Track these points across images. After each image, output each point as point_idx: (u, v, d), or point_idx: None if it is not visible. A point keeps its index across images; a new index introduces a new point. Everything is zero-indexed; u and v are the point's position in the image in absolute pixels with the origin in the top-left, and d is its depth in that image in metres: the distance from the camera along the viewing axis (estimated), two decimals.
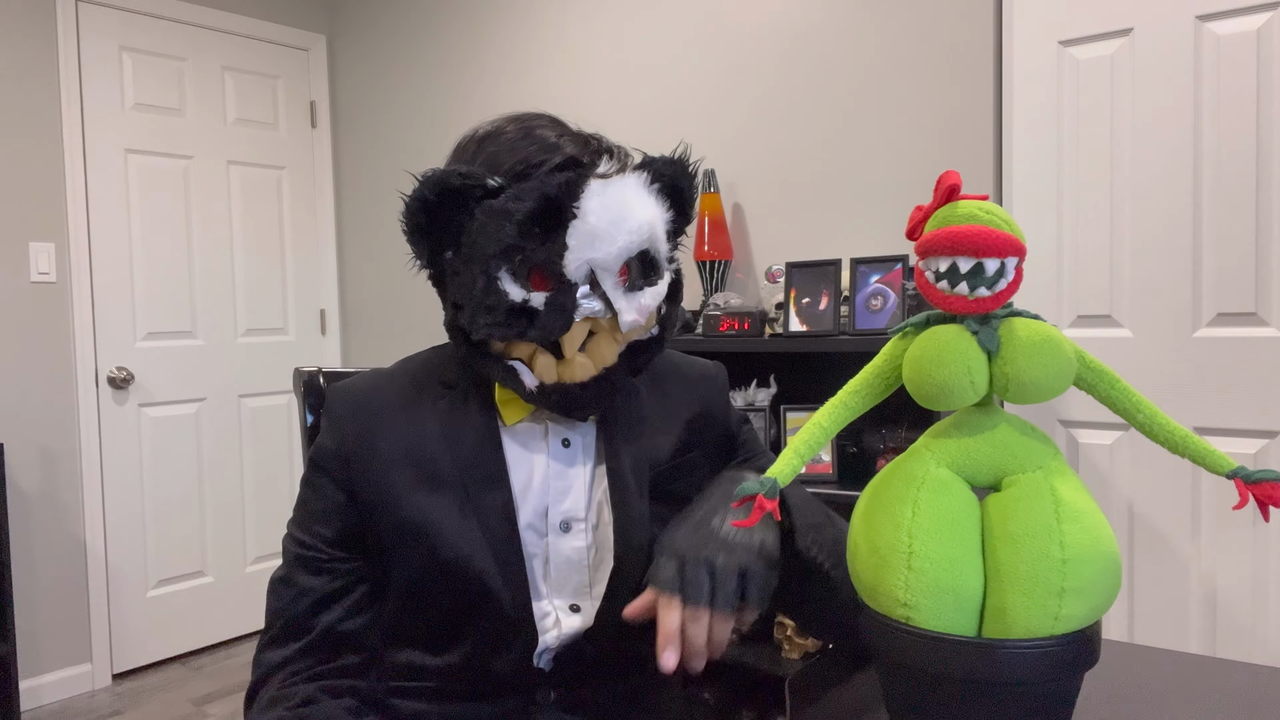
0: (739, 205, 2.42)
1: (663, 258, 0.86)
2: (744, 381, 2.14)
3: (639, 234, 0.81)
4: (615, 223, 0.79)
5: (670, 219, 0.87)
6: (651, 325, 0.87)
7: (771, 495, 0.58)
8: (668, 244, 0.87)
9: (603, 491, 0.91)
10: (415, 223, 0.81)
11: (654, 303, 0.84)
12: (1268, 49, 1.69)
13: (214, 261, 3.20)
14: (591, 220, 0.79)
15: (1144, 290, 1.83)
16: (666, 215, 0.86)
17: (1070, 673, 0.57)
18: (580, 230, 0.79)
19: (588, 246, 0.79)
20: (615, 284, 0.81)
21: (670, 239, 0.88)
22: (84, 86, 2.87)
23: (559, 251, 0.79)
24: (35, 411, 2.77)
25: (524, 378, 0.83)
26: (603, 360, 0.83)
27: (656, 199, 0.84)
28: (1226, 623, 1.76)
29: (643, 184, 0.84)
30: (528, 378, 0.83)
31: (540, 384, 0.83)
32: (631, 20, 2.62)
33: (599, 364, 0.83)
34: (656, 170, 0.85)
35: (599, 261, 0.80)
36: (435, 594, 0.87)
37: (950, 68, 2.06)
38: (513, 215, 0.78)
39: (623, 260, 0.81)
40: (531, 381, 0.83)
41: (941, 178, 0.60)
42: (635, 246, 0.81)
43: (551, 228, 0.79)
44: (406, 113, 3.26)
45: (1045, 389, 0.58)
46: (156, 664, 3.07)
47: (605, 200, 0.80)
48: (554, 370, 0.83)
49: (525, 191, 0.79)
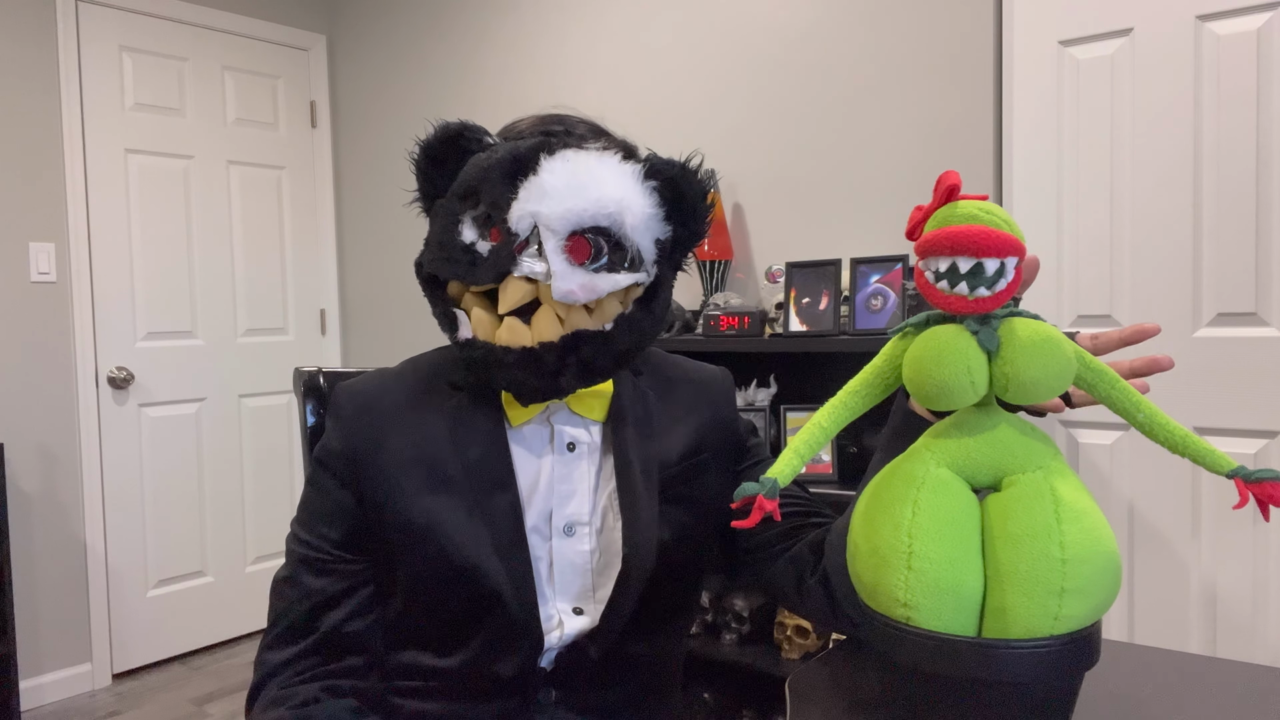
0: (739, 205, 2.42)
1: (637, 251, 0.81)
2: (744, 381, 2.14)
3: (597, 206, 0.78)
4: (570, 185, 0.79)
5: (664, 222, 0.82)
6: (605, 319, 0.82)
7: (772, 495, 0.58)
8: (655, 248, 0.83)
9: (609, 495, 0.90)
10: (420, 165, 0.86)
11: (607, 288, 0.80)
12: (1268, 49, 1.69)
13: (214, 261, 3.20)
14: (546, 178, 0.79)
15: (1144, 290, 1.83)
16: (656, 213, 0.82)
17: (1070, 673, 0.57)
18: (533, 185, 0.79)
19: (536, 199, 0.79)
20: (558, 248, 0.78)
21: (668, 250, 0.84)
22: (84, 86, 2.87)
23: (508, 200, 0.80)
24: (35, 411, 2.77)
25: (461, 327, 0.83)
26: (539, 334, 0.79)
27: (646, 195, 0.81)
28: (1226, 623, 1.76)
29: (632, 173, 0.81)
30: (464, 328, 0.83)
31: (471, 338, 0.82)
32: (632, 20, 2.62)
33: (535, 336, 0.79)
34: (653, 166, 0.82)
35: (543, 217, 0.78)
36: (442, 596, 0.87)
37: (950, 68, 2.06)
38: (483, 163, 0.82)
39: (571, 225, 0.78)
40: (465, 333, 0.83)
41: (941, 178, 0.60)
42: (588, 217, 0.78)
43: (510, 177, 0.80)
44: (406, 113, 3.26)
45: (1045, 389, 0.58)
46: (156, 664, 3.07)
47: (572, 166, 0.80)
48: (487, 327, 0.81)
49: (503, 146, 0.83)
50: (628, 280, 0.81)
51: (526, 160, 0.80)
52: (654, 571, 0.88)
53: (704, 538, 0.95)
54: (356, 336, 3.52)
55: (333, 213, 3.53)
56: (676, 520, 0.91)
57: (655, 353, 1.02)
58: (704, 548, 0.96)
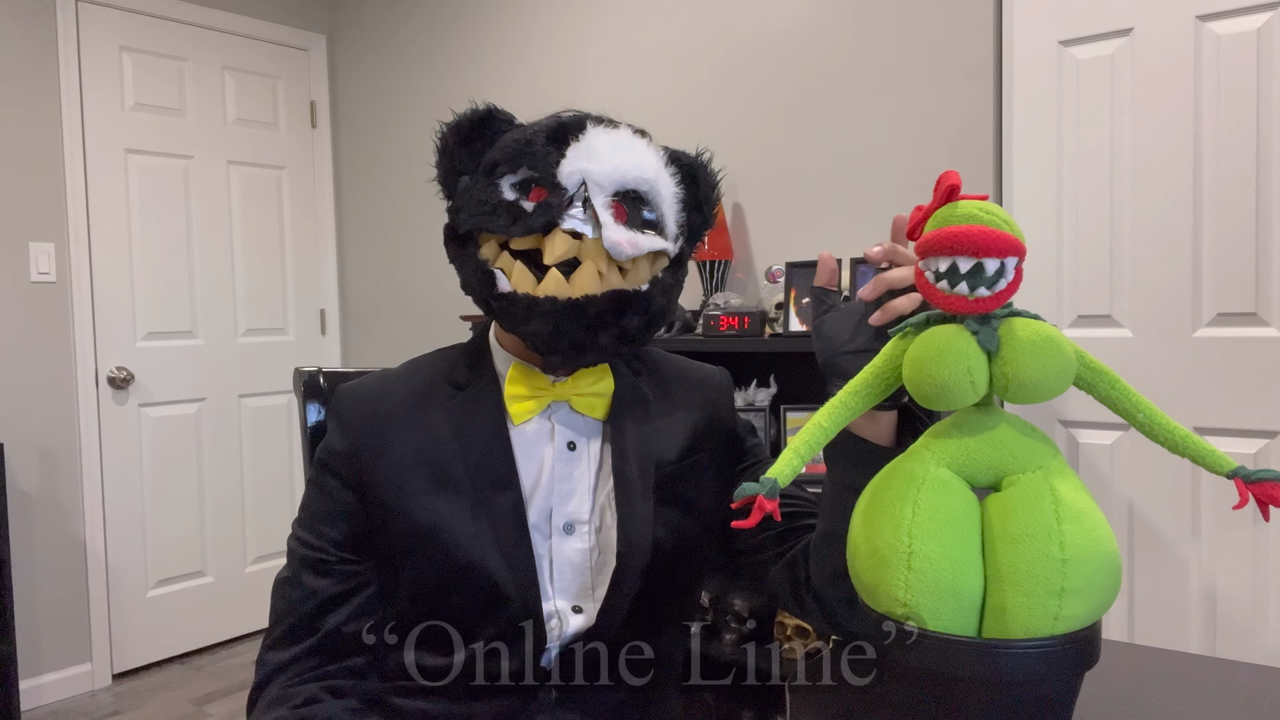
0: (739, 205, 2.42)
1: (666, 222, 0.87)
2: (744, 381, 2.14)
3: (637, 170, 0.84)
4: (614, 148, 0.84)
5: (682, 201, 0.89)
6: (643, 280, 0.85)
7: (772, 495, 0.58)
8: (676, 226, 0.89)
9: (607, 494, 0.90)
10: (447, 145, 0.88)
11: (649, 245, 0.84)
12: (1268, 49, 1.68)
13: (214, 261, 3.20)
14: (592, 140, 0.84)
15: (1144, 290, 1.83)
16: (677, 191, 0.88)
17: (1070, 673, 0.57)
18: (582, 145, 0.84)
19: (584, 158, 0.83)
20: (606, 204, 0.83)
21: (683, 231, 0.90)
22: (84, 86, 2.87)
23: (556, 159, 0.83)
24: (35, 411, 2.77)
25: (499, 282, 0.83)
26: (582, 287, 0.81)
27: (670, 176, 0.88)
28: (1226, 623, 1.76)
29: (658, 155, 0.88)
30: (503, 283, 0.83)
31: (511, 291, 0.82)
32: (632, 19, 2.62)
33: (578, 290, 0.81)
34: (674, 153, 0.90)
35: (592, 174, 0.82)
36: (447, 596, 0.87)
37: (950, 68, 2.06)
38: (523, 135, 0.86)
39: (616, 184, 0.83)
40: (505, 286, 0.83)
41: (941, 178, 0.60)
42: (630, 179, 0.84)
43: (557, 142, 0.84)
44: (406, 113, 3.26)
45: (1045, 389, 0.58)
46: (156, 664, 3.07)
47: (611, 137, 0.85)
48: (529, 281, 0.82)
49: (542, 121, 0.87)
50: (664, 244, 0.86)
51: (572, 126, 0.85)
52: (650, 570, 0.88)
53: (701, 537, 0.95)
54: (356, 336, 3.52)
55: (333, 213, 3.53)
56: (673, 519, 0.91)
57: (654, 352, 1.02)
58: (701, 547, 0.96)
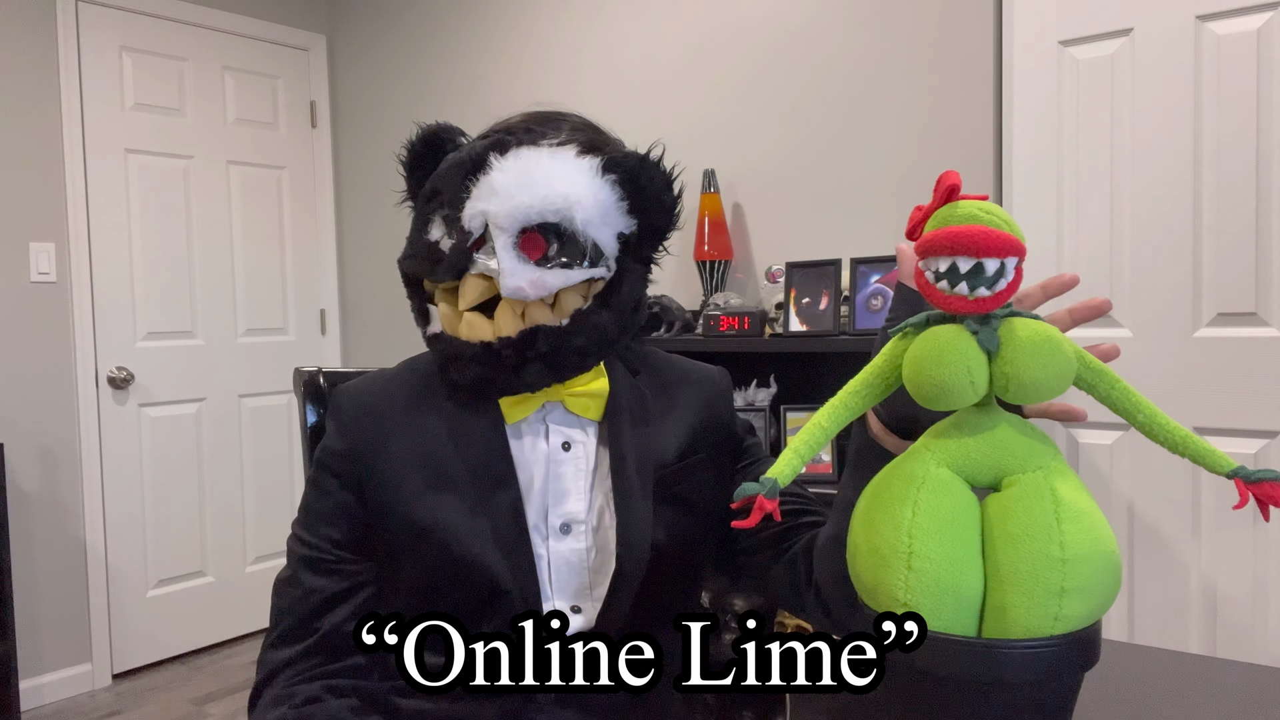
0: (739, 205, 2.42)
1: (593, 246, 0.82)
2: (744, 381, 2.14)
3: (544, 202, 0.80)
4: (519, 183, 0.81)
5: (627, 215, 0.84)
6: (565, 314, 0.84)
7: (772, 495, 0.58)
8: (617, 242, 0.84)
9: (605, 494, 0.90)
10: (406, 165, 0.91)
11: (557, 284, 0.81)
12: (1268, 49, 1.69)
13: (214, 261, 3.20)
14: (496, 176, 0.82)
15: (1144, 290, 1.83)
16: (618, 206, 0.83)
17: (1070, 673, 0.57)
18: (484, 183, 0.82)
19: (485, 198, 0.82)
20: (508, 245, 0.81)
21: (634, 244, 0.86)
22: (84, 86, 2.87)
23: (462, 200, 0.83)
24: (35, 411, 2.77)
25: (432, 323, 0.87)
26: (499, 328, 0.82)
27: (606, 188, 0.82)
28: (1226, 623, 1.76)
29: (589, 167, 0.83)
30: (434, 323, 0.87)
31: (439, 332, 0.86)
32: (631, 20, 2.62)
33: (495, 331, 0.82)
34: (611, 159, 0.83)
35: (491, 215, 0.81)
36: (447, 595, 0.87)
37: (950, 68, 2.06)
38: (448, 163, 0.86)
39: (519, 222, 0.80)
40: (435, 328, 0.86)
41: (941, 178, 0.60)
42: (535, 213, 0.80)
43: (464, 177, 0.83)
44: (406, 113, 3.26)
45: (1045, 389, 0.58)
46: (156, 664, 3.07)
47: (522, 163, 0.82)
48: (452, 322, 0.84)
49: (466, 147, 0.86)
50: (581, 275, 0.83)
51: (479, 160, 0.83)
52: (649, 570, 0.88)
53: (700, 537, 0.95)
54: (356, 336, 3.52)
55: (333, 213, 3.53)
56: (672, 519, 0.91)
57: (653, 352, 1.02)
58: (700, 547, 0.96)
